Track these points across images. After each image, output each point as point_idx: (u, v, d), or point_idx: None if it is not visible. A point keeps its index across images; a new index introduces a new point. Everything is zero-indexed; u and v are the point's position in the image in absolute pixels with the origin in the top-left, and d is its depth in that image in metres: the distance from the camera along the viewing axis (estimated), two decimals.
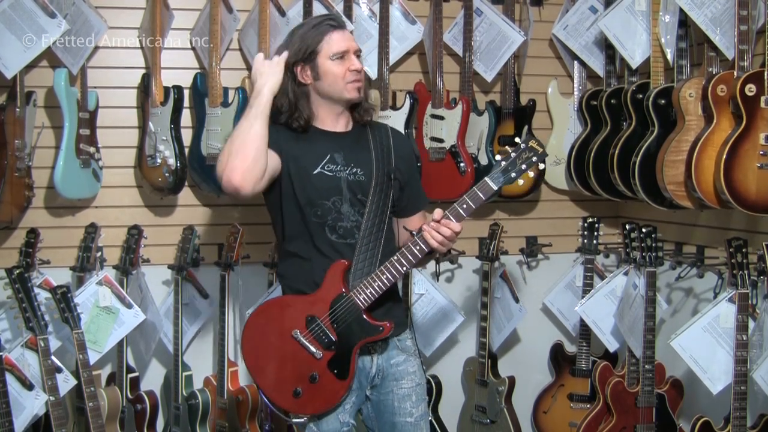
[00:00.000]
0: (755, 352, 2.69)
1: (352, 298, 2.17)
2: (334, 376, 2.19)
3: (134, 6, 3.32)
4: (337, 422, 2.26)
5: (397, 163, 2.31)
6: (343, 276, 2.18)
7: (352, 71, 2.19)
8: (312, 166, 2.21)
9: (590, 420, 3.28)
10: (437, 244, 2.10)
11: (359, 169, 2.25)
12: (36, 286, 2.87)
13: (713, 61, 2.89)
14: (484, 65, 3.47)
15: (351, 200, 2.23)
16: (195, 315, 3.40)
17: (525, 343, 3.80)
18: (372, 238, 2.22)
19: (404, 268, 2.15)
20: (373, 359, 2.29)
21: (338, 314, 2.18)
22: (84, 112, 3.18)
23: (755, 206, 2.67)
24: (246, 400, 3.28)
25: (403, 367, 2.32)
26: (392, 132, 2.39)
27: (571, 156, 3.45)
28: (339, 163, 2.23)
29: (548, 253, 3.78)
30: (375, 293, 2.16)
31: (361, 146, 2.28)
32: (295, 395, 2.21)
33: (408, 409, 2.31)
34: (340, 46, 2.18)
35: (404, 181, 2.33)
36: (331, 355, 2.19)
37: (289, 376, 2.21)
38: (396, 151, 2.32)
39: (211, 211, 3.49)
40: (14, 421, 2.71)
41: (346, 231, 2.22)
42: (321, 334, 2.19)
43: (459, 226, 2.11)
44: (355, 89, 2.21)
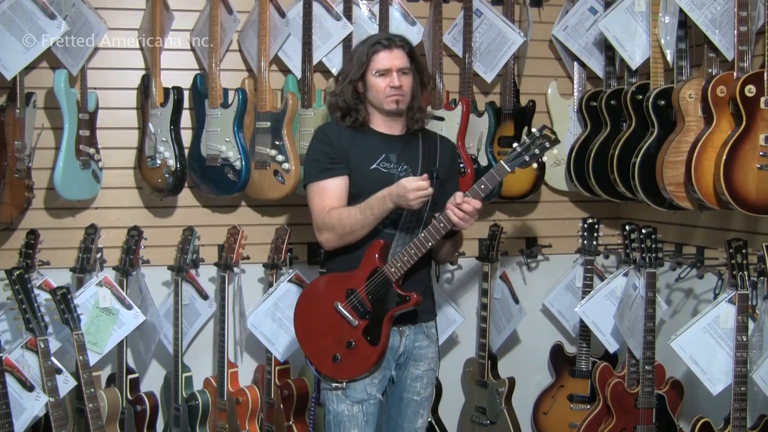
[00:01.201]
0: (755, 353, 2.69)
1: (384, 272, 2.40)
2: (368, 342, 2.41)
3: (134, 7, 3.32)
4: (365, 393, 2.47)
5: (441, 164, 2.56)
6: (379, 253, 2.41)
7: (391, 87, 2.45)
8: (369, 163, 2.48)
9: (590, 421, 3.27)
10: (458, 219, 2.28)
11: (408, 167, 2.51)
12: (36, 288, 2.87)
13: (713, 62, 2.90)
14: (484, 66, 3.47)
15: None
16: (195, 316, 3.40)
17: (525, 344, 3.80)
18: (411, 226, 2.47)
19: (429, 243, 2.35)
20: (401, 339, 2.52)
21: (372, 286, 2.41)
22: (84, 113, 3.18)
23: (755, 207, 2.67)
24: (246, 401, 3.28)
25: (425, 351, 2.57)
26: (440, 139, 2.66)
27: (571, 157, 3.45)
28: (392, 162, 2.50)
29: (548, 254, 3.78)
30: (404, 266, 2.38)
31: (411, 148, 2.55)
32: (334, 360, 2.45)
33: (417, 389, 2.58)
34: (384, 65, 2.45)
35: (444, 179, 2.56)
36: (366, 323, 2.42)
37: (330, 344, 2.46)
38: (441, 155, 2.58)
39: (211, 212, 3.49)
40: (14, 423, 2.71)
41: (391, 222, 2.45)
42: (358, 305, 2.43)
43: (479, 203, 2.29)
44: (393, 102, 2.47)
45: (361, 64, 2.47)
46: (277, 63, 3.40)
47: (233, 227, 3.32)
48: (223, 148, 3.24)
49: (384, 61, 2.45)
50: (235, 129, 3.23)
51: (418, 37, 3.45)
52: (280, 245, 3.31)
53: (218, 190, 3.32)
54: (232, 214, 3.51)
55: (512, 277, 3.59)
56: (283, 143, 3.23)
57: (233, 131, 3.24)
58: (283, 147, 3.23)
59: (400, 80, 2.45)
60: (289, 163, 3.22)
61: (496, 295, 3.50)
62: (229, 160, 3.24)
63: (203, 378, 3.43)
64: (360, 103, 2.50)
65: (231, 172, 3.25)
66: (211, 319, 3.47)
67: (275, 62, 3.38)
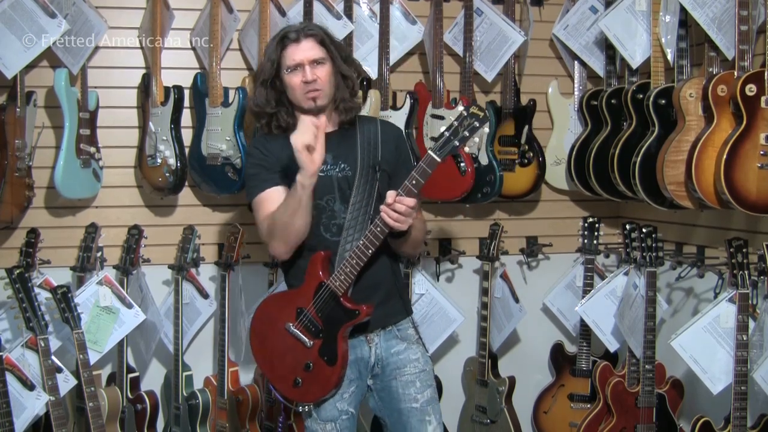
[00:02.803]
0: (755, 352, 2.69)
1: (329, 286, 2.26)
2: (325, 363, 2.28)
3: (134, 6, 3.32)
4: (335, 410, 2.35)
5: (384, 155, 2.37)
6: (322, 266, 2.28)
7: (304, 82, 2.28)
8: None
9: (590, 420, 3.28)
10: (393, 222, 2.14)
11: (346, 164, 2.34)
12: (36, 286, 2.87)
13: (713, 61, 2.89)
14: (485, 65, 3.47)
15: (341, 197, 2.33)
16: (195, 315, 3.40)
17: (525, 343, 3.80)
18: (357, 228, 2.30)
19: (369, 250, 2.21)
20: (371, 348, 2.37)
21: (320, 302, 2.28)
22: (84, 112, 3.18)
23: (755, 206, 2.67)
24: (246, 400, 3.28)
25: (404, 355, 2.40)
26: (381, 124, 2.45)
27: (571, 156, 3.45)
28: (329, 162, 2.32)
29: (548, 253, 3.78)
30: (348, 278, 2.24)
31: (347, 143, 2.37)
32: (295, 384, 2.33)
33: (413, 395, 2.38)
34: (293, 59, 2.29)
35: (392, 171, 2.38)
36: (320, 342, 2.29)
37: (289, 367, 2.33)
38: (383, 143, 2.39)
39: (212, 211, 3.50)
40: (15, 421, 2.71)
41: (339, 228, 2.32)
42: (309, 324, 2.30)
43: (412, 201, 2.13)
44: (310, 99, 2.30)
45: (273, 63, 2.31)
46: None
47: (234, 226, 3.32)
48: (223, 147, 3.24)
49: (293, 55, 2.27)
50: (236, 128, 3.23)
51: (419, 36, 3.45)
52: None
53: (219, 188, 3.31)
54: (233, 212, 3.51)
55: (513, 276, 3.59)
56: None
57: (234, 130, 3.23)
58: None
59: (313, 73, 2.27)
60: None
61: (496, 294, 3.50)
62: (230, 159, 3.24)
63: (204, 377, 3.43)
64: (280, 105, 2.33)
65: (231, 171, 3.25)
66: (211, 318, 3.47)
67: None
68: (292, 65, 2.29)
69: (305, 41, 2.30)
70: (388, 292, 2.40)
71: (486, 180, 3.38)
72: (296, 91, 2.30)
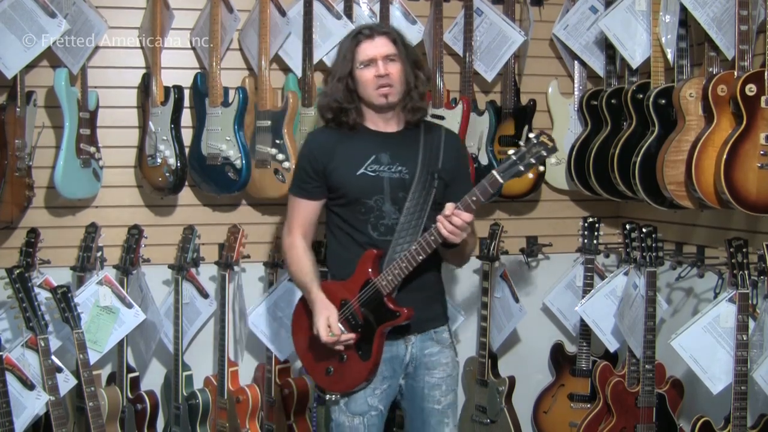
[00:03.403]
0: (755, 352, 2.69)
1: (375, 284, 2.30)
2: (359, 357, 2.33)
3: (134, 6, 3.32)
4: (366, 405, 2.39)
5: (445, 163, 2.41)
6: (373, 264, 2.32)
7: (377, 77, 2.32)
8: (355, 167, 2.35)
9: (590, 420, 3.28)
10: (448, 234, 2.18)
11: (404, 167, 2.36)
12: (36, 286, 2.87)
13: (713, 61, 2.89)
14: (485, 65, 3.47)
15: (393, 198, 2.35)
16: (195, 315, 3.40)
17: (525, 343, 3.80)
18: (410, 232, 2.34)
19: (420, 256, 2.25)
20: (407, 348, 2.42)
21: (365, 298, 2.32)
22: (84, 112, 3.18)
23: (755, 206, 2.67)
24: (246, 400, 3.28)
25: (437, 357, 2.45)
26: (446, 133, 2.49)
27: (571, 156, 3.45)
28: (384, 163, 2.36)
29: (548, 253, 3.77)
30: (395, 279, 2.28)
31: (409, 145, 2.40)
32: (327, 373, 2.39)
33: (437, 397, 2.45)
34: (367, 54, 2.33)
35: (450, 180, 2.41)
36: (358, 336, 2.33)
37: (323, 355, 2.39)
38: (445, 152, 2.43)
39: (212, 211, 3.49)
40: (15, 421, 2.71)
41: (387, 228, 2.35)
42: (350, 317, 2.34)
43: (469, 217, 2.17)
44: (381, 95, 2.33)
45: (346, 59, 2.35)
46: (278, 62, 3.40)
47: (234, 226, 3.32)
48: (223, 147, 3.24)
49: (367, 50, 2.32)
50: (236, 128, 3.23)
51: (419, 36, 3.45)
52: (280, 244, 3.31)
53: (219, 188, 3.31)
54: (233, 212, 3.51)
55: (513, 276, 3.59)
56: (283, 142, 3.23)
57: (234, 130, 3.23)
58: (284, 146, 3.23)
59: (386, 68, 2.31)
60: (289, 162, 3.22)
61: (496, 294, 3.50)
62: (230, 159, 3.24)
63: (203, 377, 3.43)
64: (352, 102, 2.37)
65: (231, 171, 3.25)
66: (211, 317, 3.47)
67: (276, 61, 3.38)
68: (365, 60, 2.33)
69: (379, 38, 2.35)
70: (431, 297, 2.46)
71: None
72: (368, 87, 2.33)
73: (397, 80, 2.34)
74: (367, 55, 2.33)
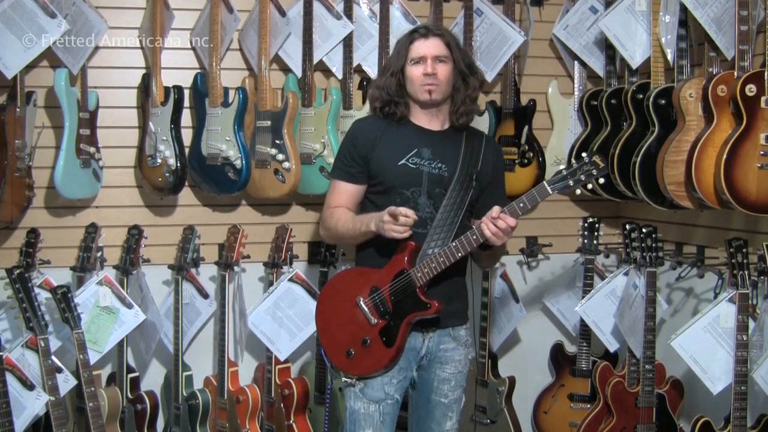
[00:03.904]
0: (755, 353, 2.69)
1: (410, 275, 2.34)
2: (383, 343, 2.37)
3: (134, 6, 3.32)
4: (382, 392, 2.42)
5: (483, 168, 2.47)
6: (409, 255, 2.36)
7: (425, 75, 2.38)
8: (397, 158, 2.41)
9: (590, 420, 3.28)
10: (491, 235, 2.24)
11: (444, 165, 2.43)
12: (36, 286, 2.88)
13: (713, 62, 2.89)
14: (485, 65, 3.46)
15: (429, 192, 2.41)
16: (195, 315, 3.40)
17: (525, 343, 3.80)
18: (445, 229, 2.38)
19: (459, 253, 2.30)
20: (425, 341, 2.46)
21: (397, 287, 2.36)
22: (84, 112, 3.18)
23: (755, 206, 2.67)
24: (246, 400, 3.28)
25: (451, 353, 2.50)
26: (486, 140, 2.55)
27: (571, 156, 3.45)
28: (425, 158, 2.42)
29: (548, 253, 3.77)
30: (431, 272, 2.33)
31: (451, 145, 2.46)
32: (347, 355, 2.42)
33: (445, 391, 2.51)
34: (418, 52, 2.40)
35: (486, 184, 2.48)
36: (384, 323, 2.37)
37: (346, 337, 2.43)
38: (485, 157, 2.48)
39: (212, 211, 3.49)
40: (15, 421, 2.71)
41: (420, 220, 2.37)
42: (379, 303, 2.38)
43: (514, 221, 2.24)
44: (425, 91, 2.40)
45: (400, 54, 2.43)
46: (278, 62, 3.40)
47: (233, 226, 3.32)
48: (223, 147, 3.24)
49: (419, 48, 2.40)
50: (236, 128, 3.24)
51: None
52: (280, 244, 3.31)
53: (219, 189, 3.32)
54: (233, 213, 3.51)
55: (512, 276, 3.59)
56: (283, 142, 3.23)
57: (234, 130, 3.24)
58: (284, 146, 3.23)
59: (434, 68, 2.38)
60: (289, 162, 3.22)
61: (496, 294, 3.50)
62: (230, 159, 3.24)
63: (203, 377, 3.43)
64: (401, 96, 2.44)
65: (231, 171, 3.25)
66: (211, 318, 3.47)
67: (276, 61, 3.38)
68: (416, 57, 2.40)
69: (432, 38, 2.42)
70: (455, 296, 2.49)
71: None
72: (415, 83, 2.40)
73: (443, 81, 2.40)
74: (418, 52, 2.40)
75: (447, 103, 2.46)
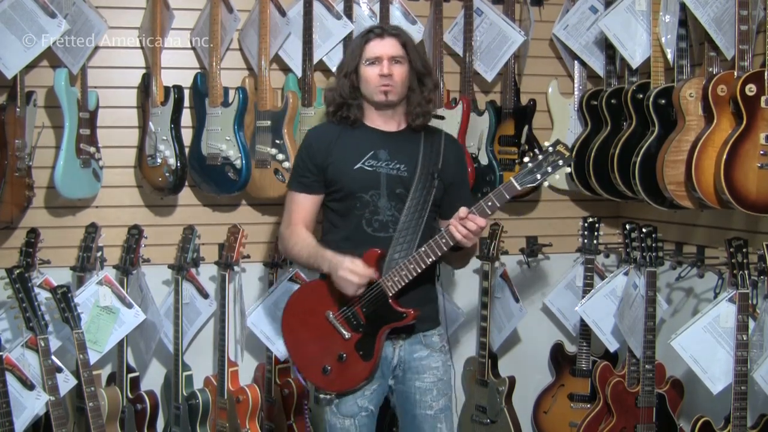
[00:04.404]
0: (755, 352, 2.69)
1: (380, 285, 2.29)
2: (360, 357, 2.32)
3: (134, 6, 3.32)
4: (356, 406, 2.38)
5: (444, 166, 2.42)
6: (375, 264, 2.29)
7: (381, 76, 2.34)
8: (353, 162, 2.37)
9: (590, 420, 3.28)
10: (461, 237, 2.19)
11: (403, 165, 2.38)
12: (36, 286, 2.87)
13: (713, 61, 2.89)
14: (485, 65, 3.47)
15: (389, 194, 2.36)
16: (195, 315, 3.40)
17: (525, 343, 3.80)
18: (410, 231, 2.34)
19: (430, 259, 2.25)
20: (395, 350, 2.41)
21: (368, 299, 2.30)
22: (84, 112, 3.18)
23: (755, 206, 2.67)
24: (246, 400, 3.28)
25: (426, 361, 2.43)
26: (446, 138, 2.50)
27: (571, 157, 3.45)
28: (382, 159, 2.37)
29: (548, 253, 3.77)
30: (402, 281, 2.27)
31: (408, 145, 2.41)
32: (324, 372, 2.36)
33: (428, 402, 2.42)
34: (374, 52, 2.36)
35: (448, 183, 2.43)
36: (359, 337, 2.32)
37: (320, 354, 2.37)
38: (445, 155, 2.44)
39: (212, 211, 3.49)
40: (14, 421, 2.71)
41: (381, 225, 2.35)
42: (351, 317, 2.33)
43: (483, 222, 2.19)
44: (381, 93, 2.35)
45: (354, 55, 2.38)
46: (278, 62, 3.40)
47: (234, 226, 3.32)
48: (223, 147, 3.24)
49: (374, 48, 2.35)
50: (236, 128, 3.24)
51: (419, 36, 3.45)
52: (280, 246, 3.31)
53: (219, 188, 3.32)
54: (233, 212, 3.51)
55: (513, 276, 3.59)
56: (283, 142, 3.23)
57: (234, 130, 3.24)
58: (284, 146, 3.23)
59: (390, 68, 2.33)
60: (289, 162, 3.22)
61: (496, 294, 3.50)
62: (230, 159, 3.24)
63: (203, 377, 3.43)
64: (354, 98, 2.39)
65: (231, 171, 3.25)
66: (211, 317, 3.47)
67: (276, 61, 3.38)
68: (371, 57, 2.35)
69: (388, 38, 2.37)
70: (426, 300, 2.44)
71: (486, 180, 3.38)
72: (370, 83, 2.36)
73: (399, 82, 2.36)
74: (374, 53, 2.36)
75: (402, 104, 2.42)
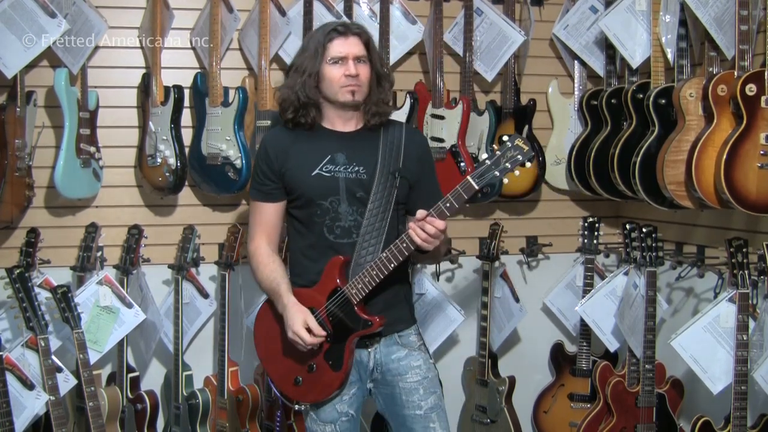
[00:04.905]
0: (755, 352, 2.69)
1: (345, 293, 2.25)
2: (329, 367, 2.28)
3: (134, 6, 3.32)
4: (335, 412, 2.35)
5: (406, 162, 2.34)
6: (339, 271, 2.26)
7: (347, 76, 2.26)
8: (310, 168, 2.30)
9: (590, 420, 3.28)
10: (421, 241, 2.12)
11: (361, 167, 2.30)
12: (36, 286, 2.87)
13: (714, 61, 2.89)
14: (485, 65, 3.47)
15: (349, 199, 2.30)
16: (195, 315, 3.40)
17: (525, 343, 3.80)
18: (374, 234, 2.28)
19: (392, 264, 2.19)
20: (370, 353, 2.36)
21: (333, 307, 2.26)
22: (84, 112, 3.18)
23: (755, 206, 2.67)
24: (246, 399, 3.28)
25: (406, 362, 2.37)
26: (406, 130, 2.42)
27: (571, 156, 3.45)
28: (339, 163, 2.30)
29: (548, 253, 3.77)
30: (366, 287, 2.22)
31: (367, 145, 2.34)
32: (295, 383, 2.34)
33: (416, 402, 2.36)
34: (339, 51, 2.27)
35: (414, 180, 2.35)
36: (328, 346, 2.28)
37: (291, 366, 2.34)
38: (406, 150, 2.35)
39: (212, 211, 3.49)
40: (15, 421, 2.71)
41: (343, 231, 2.30)
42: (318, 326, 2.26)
43: (443, 224, 2.12)
44: (348, 92, 2.28)
45: (317, 53, 2.27)
46: (278, 62, 3.40)
47: (234, 226, 3.32)
48: (223, 147, 3.24)
49: (339, 47, 2.26)
50: (236, 127, 3.23)
51: (419, 36, 3.45)
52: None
53: (219, 188, 3.31)
54: (233, 212, 3.51)
55: (513, 276, 3.59)
56: None
57: (234, 130, 3.23)
58: None
59: (356, 68, 2.26)
60: None
61: (496, 294, 3.50)
62: (230, 159, 3.24)
63: (204, 376, 3.43)
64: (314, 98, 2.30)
65: (231, 171, 3.25)
66: (211, 317, 3.47)
67: (276, 61, 3.38)
68: (336, 57, 2.27)
69: (352, 37, 2.30)
70: (393, 300, 2.37)
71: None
72: (334, 84, 2.27)
73: (365, 82, 2.30)
74: (338, 52, 2.27)
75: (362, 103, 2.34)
